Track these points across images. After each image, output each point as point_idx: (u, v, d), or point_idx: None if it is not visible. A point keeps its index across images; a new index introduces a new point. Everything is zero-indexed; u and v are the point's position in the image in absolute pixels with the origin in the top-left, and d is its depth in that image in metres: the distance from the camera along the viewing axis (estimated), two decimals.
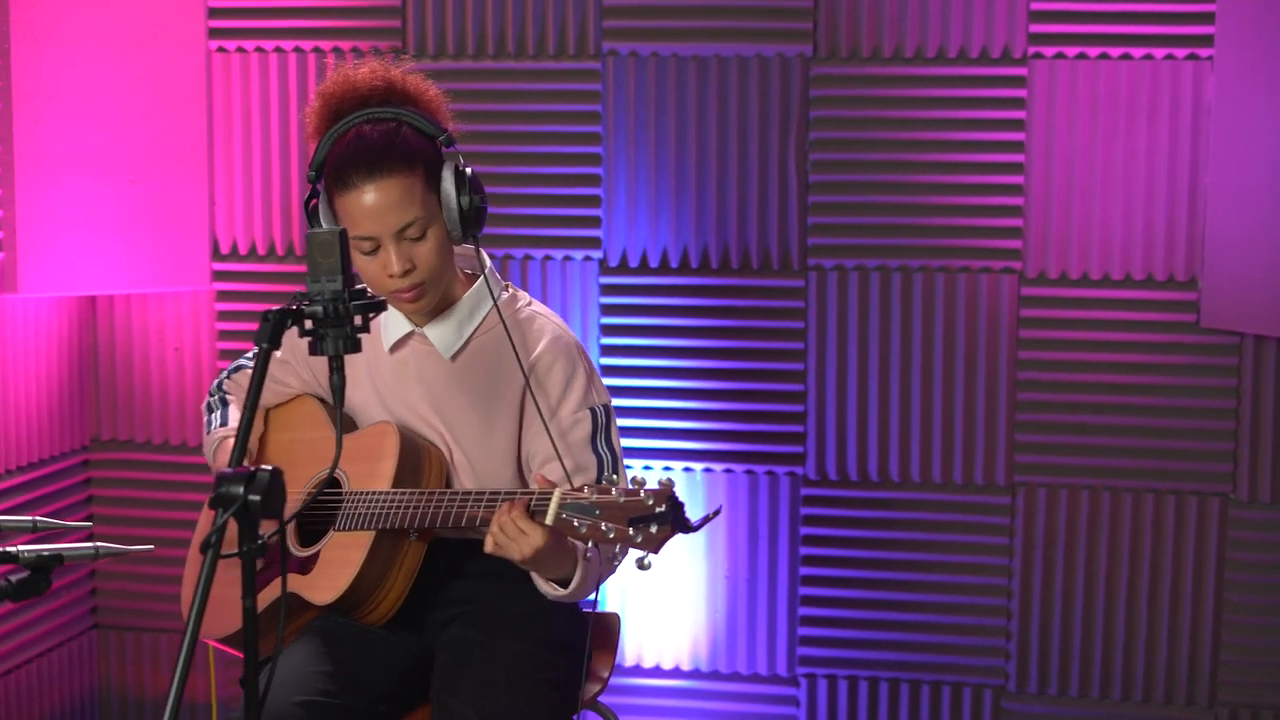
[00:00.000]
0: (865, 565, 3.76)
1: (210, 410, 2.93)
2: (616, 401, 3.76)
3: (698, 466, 3.78)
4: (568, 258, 3.78)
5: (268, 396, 2.93)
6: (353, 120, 2.62)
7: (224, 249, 3.92)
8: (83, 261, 3.74)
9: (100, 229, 3.75)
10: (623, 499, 2.28)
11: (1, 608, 3.68)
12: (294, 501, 2.74)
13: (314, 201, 2.65)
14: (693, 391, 3.77)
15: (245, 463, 2.79)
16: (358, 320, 2.23)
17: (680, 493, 3.66)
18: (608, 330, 3.77)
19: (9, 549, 2.20)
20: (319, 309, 2.19)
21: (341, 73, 2.68)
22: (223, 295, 3.93)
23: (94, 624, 4.07)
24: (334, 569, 2.61)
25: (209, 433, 2.90)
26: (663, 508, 2.27)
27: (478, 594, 2.70)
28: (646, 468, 3.78)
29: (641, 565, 2.30)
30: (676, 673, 3.85)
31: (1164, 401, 3.59)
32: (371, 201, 2.56)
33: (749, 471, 3.76)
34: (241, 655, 2.68)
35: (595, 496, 2.30)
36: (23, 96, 3.61)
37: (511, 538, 2.39)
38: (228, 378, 2.97)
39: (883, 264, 3.66)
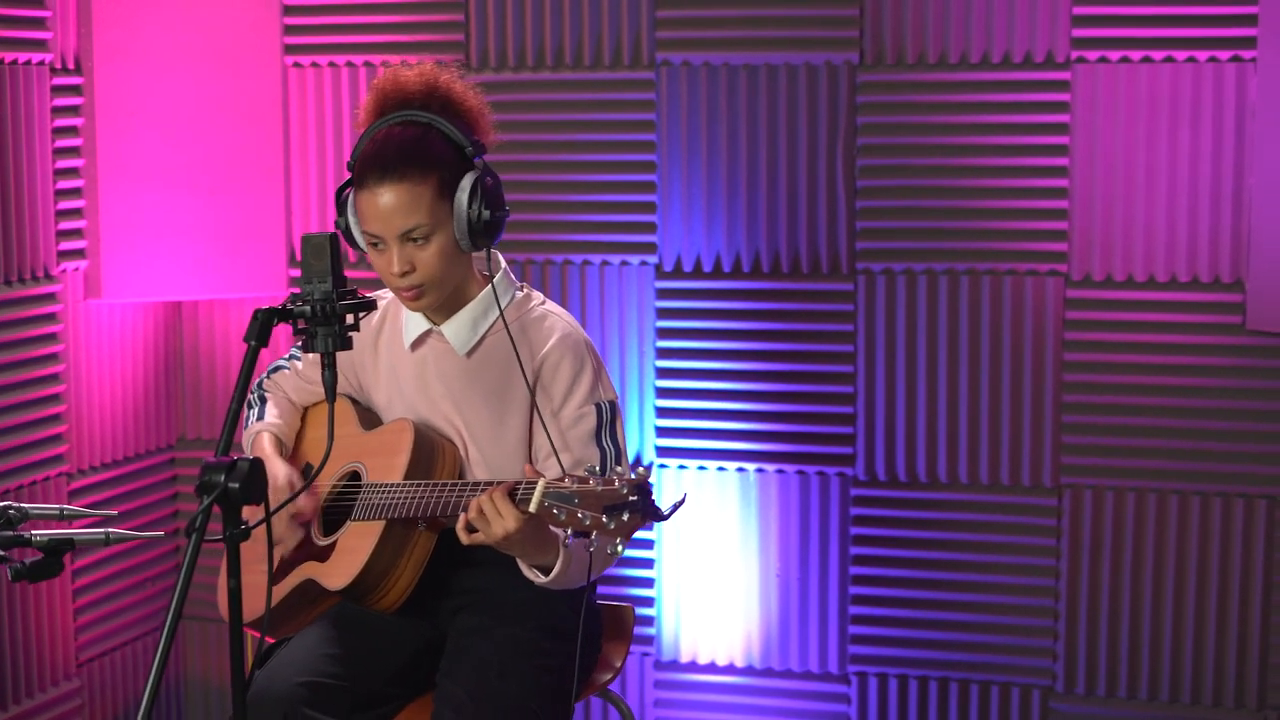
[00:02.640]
0: (914, 565, 3.80)
1: (250, 407, 3.08)
2: (673, 403, 3.87)
3: (750, 467, 3.85)
4: (625, 262, 3.89)
5: (304, 396, 3.08)
6: (389, 120, 2.76)
7: (299, 256, 4.07)
8: (164, 268, 3.93)
9: (181, 237, 3.93)
10: (599, 488, 2.38)
11: (88, 597, 3.88)
12: (319, 494, 2.89)
13: (347, 191, 2.80)
14: (745, 393, 3.85)
15: (281, 453, 2.97)
16: (349, 319, 2.35)
17: (734, 493, 3.79)
18: (663, 334, 3.87)
19: (23, 534, 2.35)
20: (308, 309, 2.32)
21: (393, 71, 2.84)
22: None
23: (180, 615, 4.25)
24: (347, 557, 2.75)
25: (246, 427, 3.06)
26: (635, 496, 2.35)
27: (487, 582, 2.82)
28: (701, 468, 3.87)
29: (612, 550, 2.39)
30: (730, 669, 3.93)
31: (1210, 403, 3.58)
32: (380, 202, 2.70)
33: (800, 472, 3.83)
34: (269, 639, 2.84)
35: (575, 486, 2.40)
36: (105, 111, 3.81)
37: (489, 519, 2.50)
38: (267, 378, 3.12)
39: (930, 267, 3.71)
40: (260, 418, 3.02)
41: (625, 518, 2.35)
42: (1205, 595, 3.62)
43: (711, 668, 3.94)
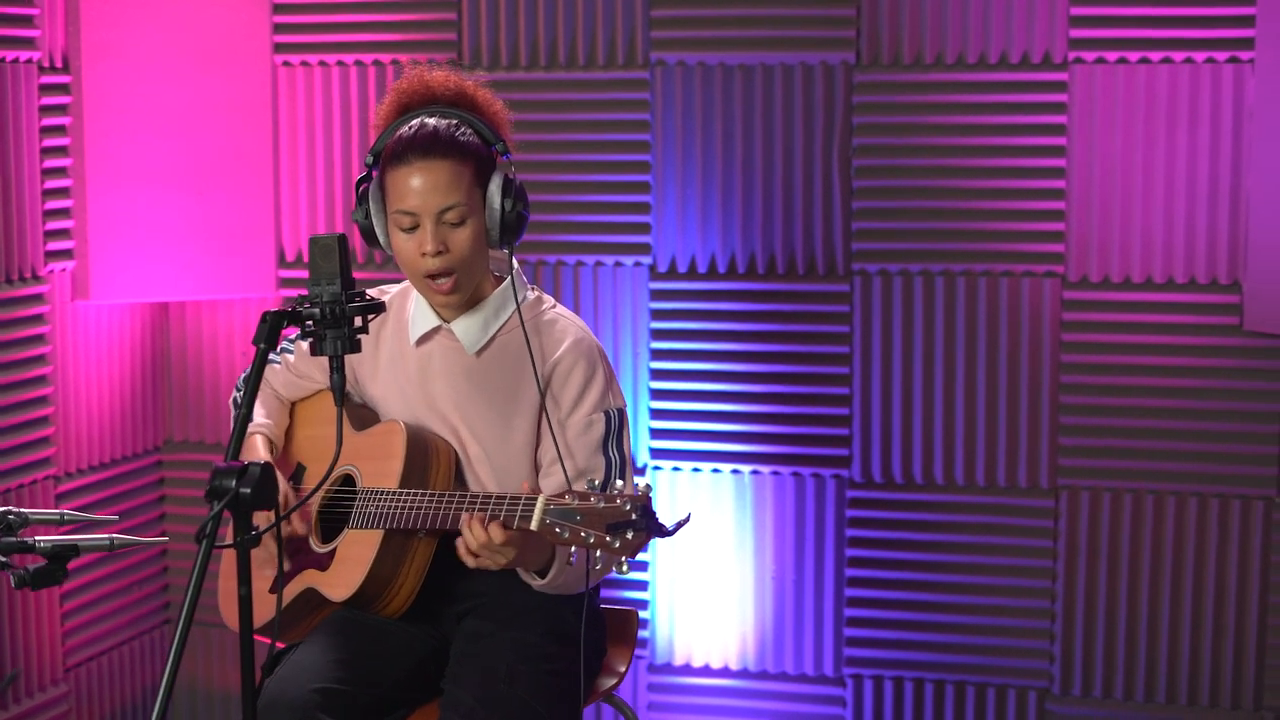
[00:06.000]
0: (910, 567, 3.79)
1: (236, 407, 3.04)
2: (667, 405, 3.85)
3: (746, 469, 3.84)
4: (618, 263, 3.86)
5: (293, 391, 3.03)
6: (419, 112, 2.76)
7: (289, 257, 4.05)
8: (152, 269, 3.89)
9: (169, 238, 3.89)
10: (601, 505, 2.35)
11: (75, 601, 3.84)
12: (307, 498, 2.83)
13: (365, 185, 2.77)
14: (740, 395, 3.83)
15: (272, 456, 2.93)
16: (358, 321, 2.33)
17: (729, 495, 3.78)
18: (658, 335, 3.85)
19: (26, 539, 2.32)
20: (317, 311, 2.29)
21: (418, 72, 2.83)
22: (288, 302, 4.06)
23: (166, 619, 4.22)
24: (348, 566, 2.71)
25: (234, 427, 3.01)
26: (637, 515, 2.33)
27: (491, 587, 2.78)
28: (696, 470, 3.85)
29: (619, 569, 2.36)
30: (725, 672, 3.91)
31: (1207, 405, 3.58)
32: (420, 179, 2.68)
33: (795, 474, 3.81)
34: (277, 645, 2.80)
35: (577, 503, 2.37)
36: (93, 110, 3.76)
37: (490, 556, 2.52)
38: None
39: (926, 268, 3.69)
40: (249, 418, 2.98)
41: (629, 536, 2.33)
42: (1202, 596, 3.62)
43: (706, 670, 3.92)
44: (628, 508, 2.33)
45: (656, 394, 3.87)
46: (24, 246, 3.62)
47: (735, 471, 3.84)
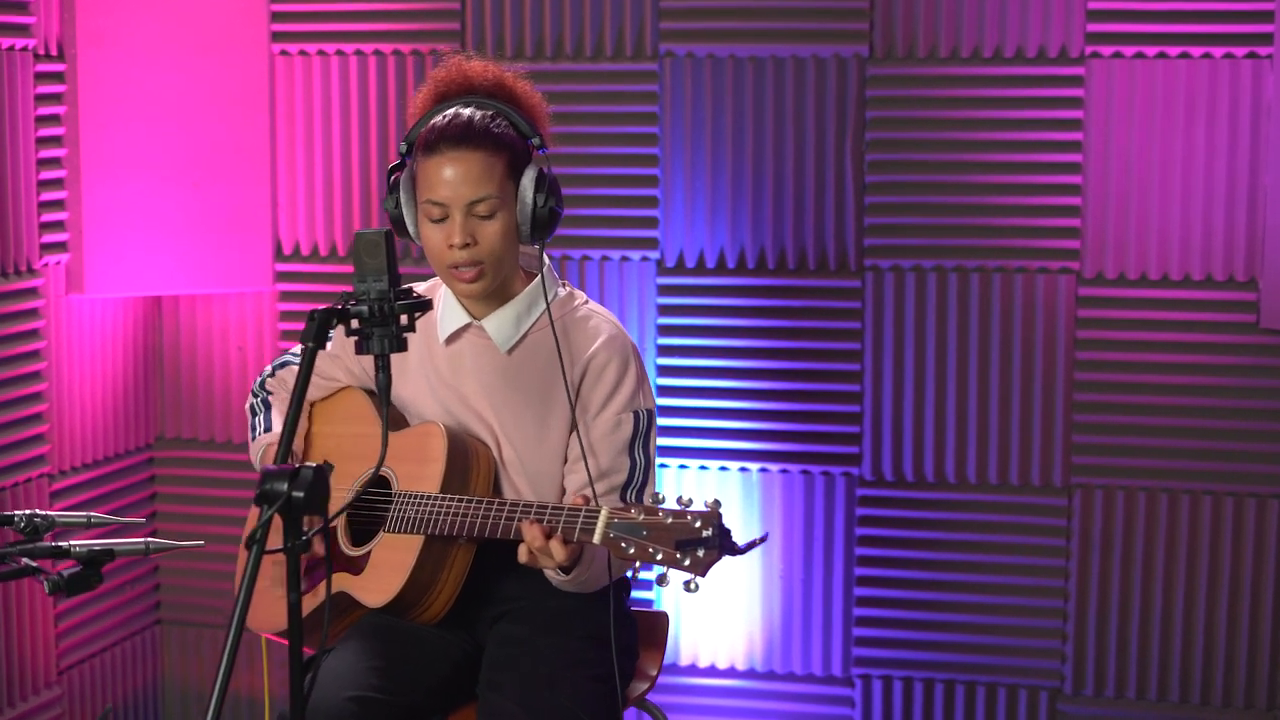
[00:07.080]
0: (921, 566, 3.75)
1: (254, 413, 2.95)
2: (674, 401, 3.79)
3: (754, 466, 3.79)
4: (625, 258, 3.80)
5: (313, 391, 2.95)
6: (455, 102, 2.70)
7: (286, 250, 3.97)
8: (147, 263, 3.80)
9: (165, 231, 3.81)
10: (670, 520, 2.29)
11: (68, 602, 3.75)
12: (340, 499, 2.75)
13: (397, 174, 2.71)
14: (749, 392, 3.78)
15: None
16: (404, 320, 2.26)
17: (736, 493, 3.72)
18: (665, 330, 3.79)
19: (60, 544, 2.24)
20: (364, 309, 2.22)
21: (456, 61, 2.77)
22: (285, 296, 3.98)
23: (157, 619, 4.13)
24: (385, 572, 2.63)
25: (253, 438, 2.92)
26: (709, 532, 2.27)
27: (526, 591, 2.72)
28: (703, 468, 3.80)
29: (688, 588, 2.29)
30: (732, 672, 3.86)
31: (1223, 403, 3.56)
32: (452, 169, 2.62)
33: (805, 472, 3.77)
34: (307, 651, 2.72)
35: (643, 517, 2.31)
36: (88, 101, 3.67)
37: (539, 558, 2.47)
38: (271, 375, 2.98)
39: (939, 264, 3.66)
40: (268, 428, 2.89)
41: (700, 554, 2.26)
42: (1216, 595, 3.60)
43: (712, 670, 3.87)
44: (698, 524, 2.27)
45: (664, 390, 3.81)
46: (19, 239, 3.53)
47: (743, 469, 3.79)
